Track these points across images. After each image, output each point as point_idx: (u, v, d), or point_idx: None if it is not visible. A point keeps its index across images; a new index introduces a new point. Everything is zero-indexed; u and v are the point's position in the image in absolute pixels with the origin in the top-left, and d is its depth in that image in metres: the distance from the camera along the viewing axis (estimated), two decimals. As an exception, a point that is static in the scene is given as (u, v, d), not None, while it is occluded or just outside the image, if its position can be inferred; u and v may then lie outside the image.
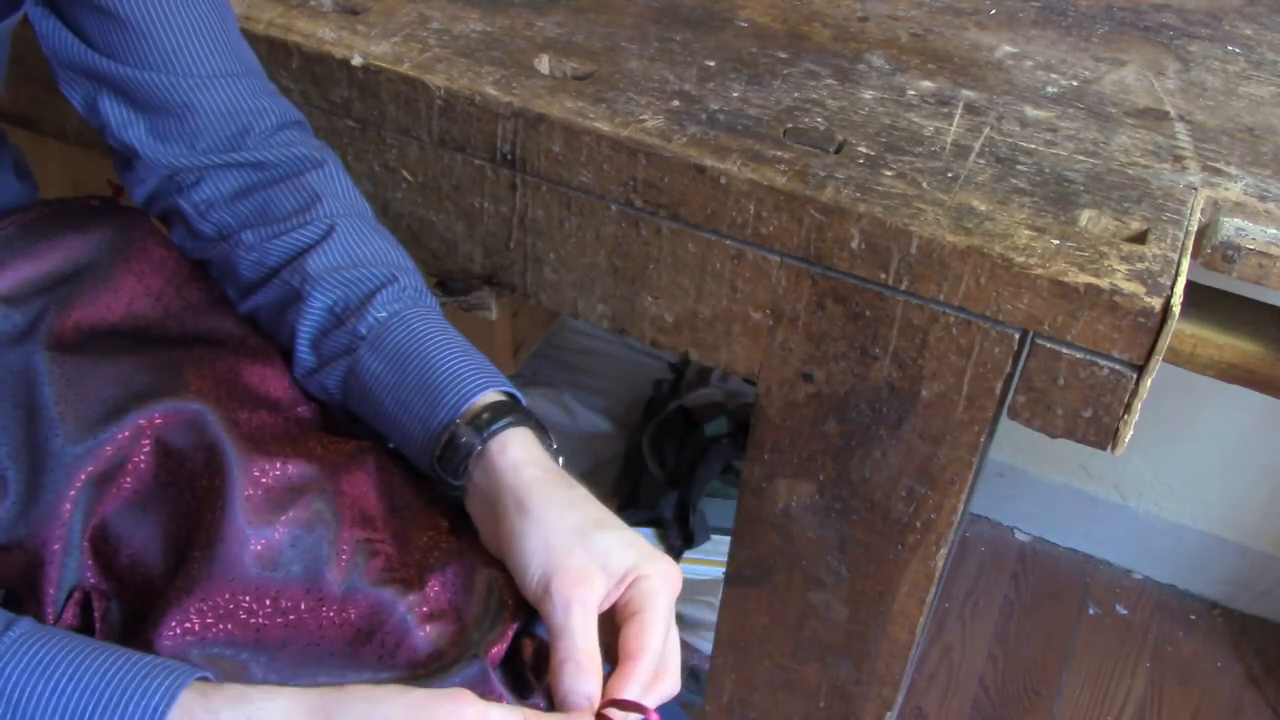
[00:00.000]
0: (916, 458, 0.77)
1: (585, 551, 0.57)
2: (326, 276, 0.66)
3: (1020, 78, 0.85)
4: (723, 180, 0.72)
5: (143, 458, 0.59)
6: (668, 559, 0.59)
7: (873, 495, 0.81)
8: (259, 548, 0.58)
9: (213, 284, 0.71)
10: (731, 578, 0.92)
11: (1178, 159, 0.77)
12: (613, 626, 0.58)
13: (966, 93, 0.82)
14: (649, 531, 1.42)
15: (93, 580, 0.59)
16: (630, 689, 0.55)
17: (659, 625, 0.56)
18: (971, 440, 0.75)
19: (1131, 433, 0.70)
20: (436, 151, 0.81)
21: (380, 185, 0.85)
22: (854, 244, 0.70)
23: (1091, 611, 1.57)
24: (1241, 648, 1.53)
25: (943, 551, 0.81)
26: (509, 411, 0.62)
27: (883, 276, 0.71)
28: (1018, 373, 0.71)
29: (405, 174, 0.83)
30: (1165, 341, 0.65)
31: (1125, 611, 1.57)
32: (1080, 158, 0.76)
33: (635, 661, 0.55)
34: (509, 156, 0.78)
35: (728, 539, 1.14)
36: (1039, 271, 0.66)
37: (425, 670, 0.56)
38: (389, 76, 0.79)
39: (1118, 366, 0.67)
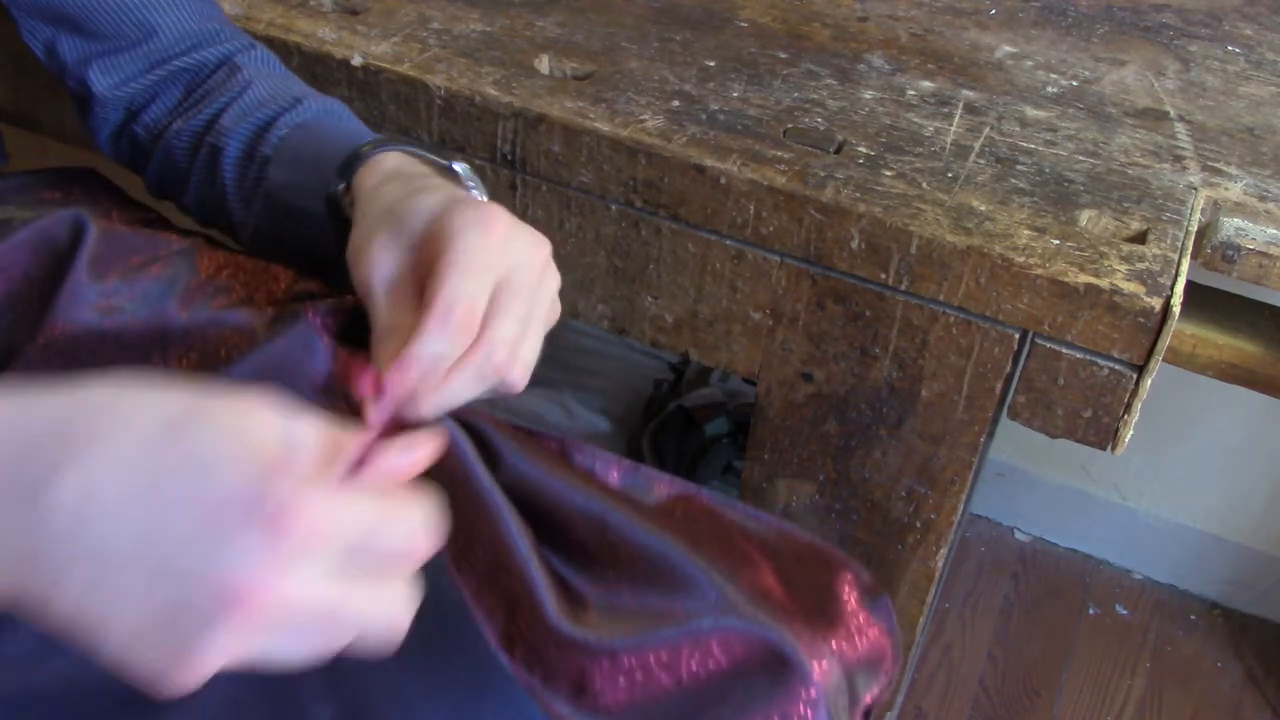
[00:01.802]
0: (916, 458, 0.77)
1: (386, 225, 0.51)
2: (238, 123, 0.66)
3: (1020, 78, 0.85)
4: (723, 180, 0.72)
5: (20, 256, 0.59)
6: (490, 204, 0.50)
7: (873, 495, 0.81)
8: (101, 302, 0.57)
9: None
10: (731, 578, 0.92)
11: (1178, 159, 0.77)
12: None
13: (966, 93, 0.82)
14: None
15: None
16: (423, 346, 0.46)
17: (457, 267, 0.47)
18: (971, 440, 0.75)
19: (1131, 433, 0.70)
20: (437, 151, 0.81)
21: (380, 185, 0.85)
22: (854, 244, 0.70)
23: (1091, 611, 1.57)
24: (1241, 648, 1.53)
25: (943, 551, 0.81)
26: (377, 145, 0.58)
27: (883, 276, 0.71)
28: (1018, 373, 0.71)
29: (405, 174, 0.83)
30: (1165, 341, 0.65)
31: (1125, 611, 1.57)
32: (1080, 158, 0.76)
33: (426, 312, 0.46)
34: (509, 156, 0.78)
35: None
36: (1039, 271, 0.66)
37: (252, 348, 0.53)
38: (389, 76, 0.79)
39: (1118, 366, 0.67)
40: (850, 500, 0.82)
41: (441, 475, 0.49)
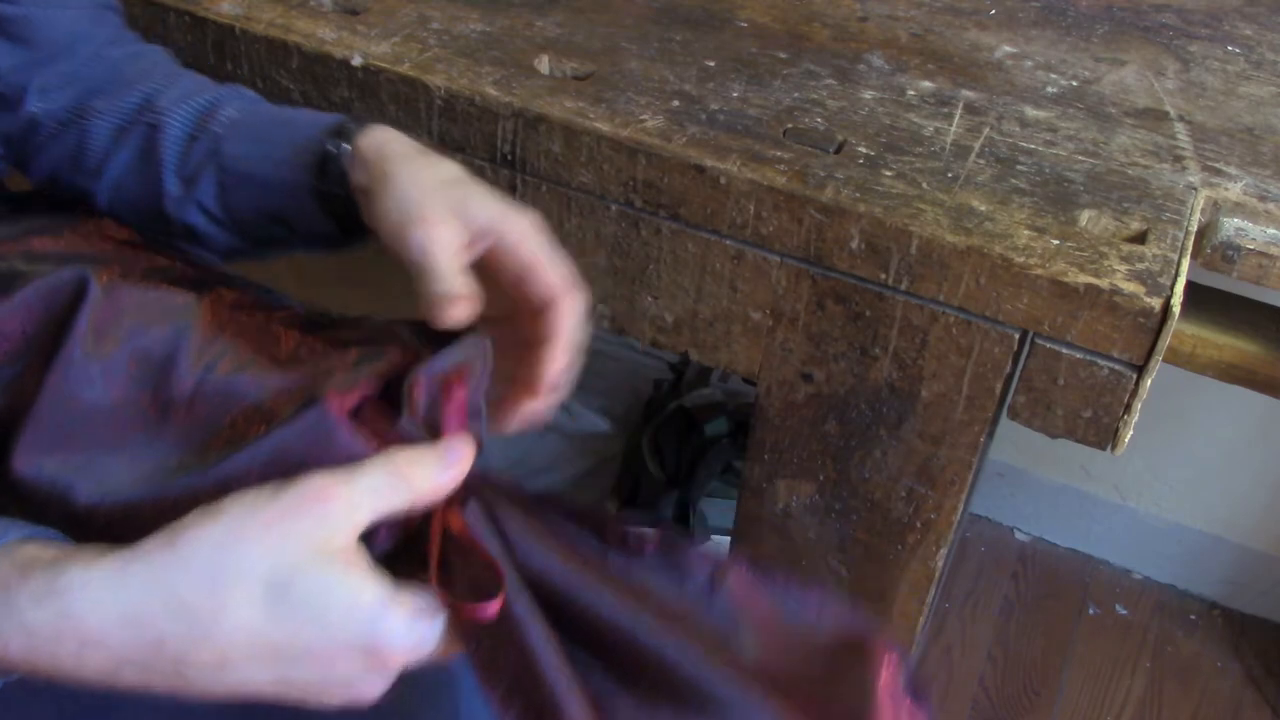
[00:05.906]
0: (916, 458, 0.77)
1: (442, 199, 0.57)
2: (179, 104, 0.68)
3: (1020, 78, 0.85)
4: (723, 180, 0.72)
5: (20, 316, 0.59)
6: (528, 212, 0.59)
7: (873, 495, 0.81)
8: (102, 374, 0.56)
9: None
10: (731, 578, 0.92)
11: (1178, 159, 0.77)
12: (493, 289, 0.58)
13: (966, 93, 0.82)
14: (649, 533, 1.42)
15: None
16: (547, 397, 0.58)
17: (554, 267, 0.57)
18: (971, 440, 0.75)
19: (1131, 433, 0.70)
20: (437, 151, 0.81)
21: (380, 185, 0.85)
22: (854, 244, 0.70)
23: (1091, 611, 1.57)
24: (1241, 648, 1.53)
25: (943, 551, 0.81)
26: (367, 122, 0.64)
27: (883, 276, 0.71)
28: (1018, 373, 0.71)
29: (405, 174, 0.83)
30: (1165, 341, 0.65)
31: (1125, 611, 1.57)
32: (1080, 158, 0.76)
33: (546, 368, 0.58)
34: (509, 157, 0.78)
35: (728, 539, 1.14)
36: (1039, 271, 0.66)
37: (263, 432, 0.53)
38: (389, 76, 0.79)
39: (1118, 366, 0.67)
40: (850, 500, 0.82)
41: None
